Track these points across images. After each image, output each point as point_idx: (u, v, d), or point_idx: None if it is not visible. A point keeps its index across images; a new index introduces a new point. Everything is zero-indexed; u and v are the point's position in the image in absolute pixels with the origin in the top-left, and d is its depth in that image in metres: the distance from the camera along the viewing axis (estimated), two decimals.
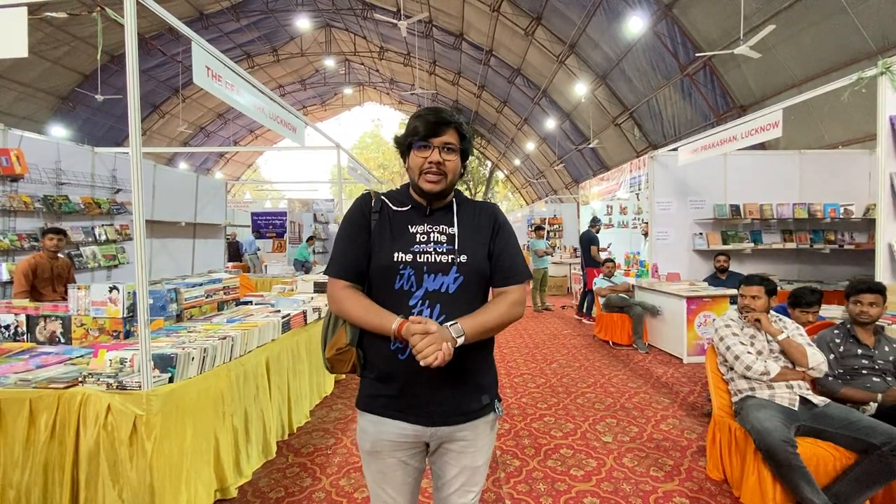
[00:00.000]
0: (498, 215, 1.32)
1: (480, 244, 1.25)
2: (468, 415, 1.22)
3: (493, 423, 1.30)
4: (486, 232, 1.27)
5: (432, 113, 1.20)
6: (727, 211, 5.91)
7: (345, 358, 1.24)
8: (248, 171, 29.64)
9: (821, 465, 2.18)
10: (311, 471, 2.70)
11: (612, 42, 10.84)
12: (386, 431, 1.21)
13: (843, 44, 6.63)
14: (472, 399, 1.23)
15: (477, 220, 1.28)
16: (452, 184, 1.25)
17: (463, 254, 1.21)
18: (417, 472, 1.29)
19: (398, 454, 1.23)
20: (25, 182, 4.66)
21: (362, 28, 18.54)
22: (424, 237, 1.22)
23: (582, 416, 3.55)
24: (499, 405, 1.29)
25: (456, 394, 1.20)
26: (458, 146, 1.22)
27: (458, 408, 1.21)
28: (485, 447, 1.28)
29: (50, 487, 1.94)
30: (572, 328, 7.02)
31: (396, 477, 1.25)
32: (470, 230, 1.26)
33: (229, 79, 2.81)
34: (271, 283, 6.31)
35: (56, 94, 13.63)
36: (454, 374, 1.17)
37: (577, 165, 17.46)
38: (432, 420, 1.20)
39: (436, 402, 1.19)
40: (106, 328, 2.64)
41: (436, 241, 1.22)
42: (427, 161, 1.19)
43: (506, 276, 1.25)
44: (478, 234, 1.26)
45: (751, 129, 4.32)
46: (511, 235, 1.31)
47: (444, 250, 1.21)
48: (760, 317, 2.60)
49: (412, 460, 1.25)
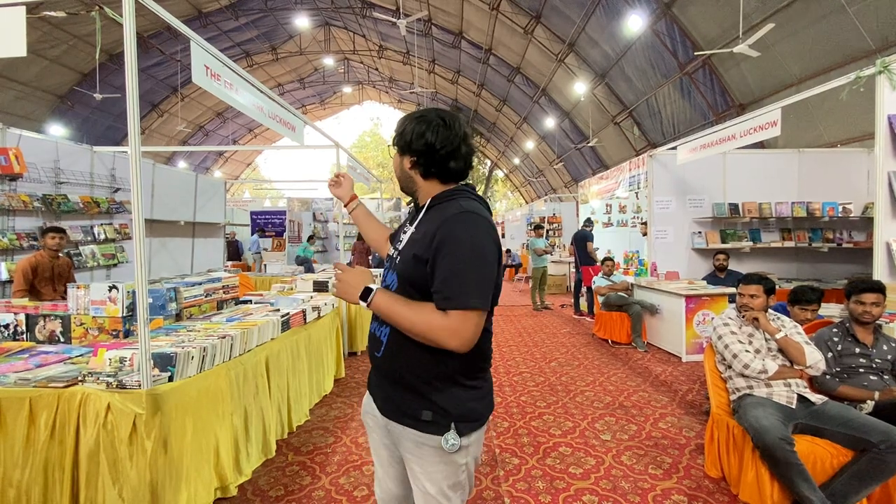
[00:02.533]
0: (445, 224, 1.13)
1: (416, 250, 1.18)
2: (408, 419, 1.20)
3: (441, 452, 1.16)
4: (427, 239, 1.15)
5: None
6: (726, 210, 5.91)
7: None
8: (247, 170, 29.62)
9: (818, 463, 2.19)
10: (310, 469, 2.70)
11: (612, 41, 10.84)
12: (366, 405, 1.38)
13: (842, 42, 6.63)
14: (412, 405, 1.19)
15: (427, 227, 1.19)
16: (401, 182, 1.32)
17: (400, 257, 1.25)
18: (393, 471, 1.34)
19: (375, 434, 1.35)
20: (24, 181, 4.65)
21: (361, 27, 18.50)
22: (404, 236, 1.30)
23: (581, 414, 3.56)
24: (451, 436, 1.15)
25: (397, 393, 1.23)
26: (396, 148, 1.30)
27: (396, 406, 1.24)
28: (435, 475, 1.18)
29: (50, 486, 1.94)
30: (571, 326, 7.03)
31: (381, 455, 1.35)
32: (419, 235, 1.20)
33: (228, 78, 2.81)
34: (271, 282, 6.31)
35: (54, 93, 13.60)
36: (388, 371, 1.25)
37: (577, 164, 17.46)
38: (383, 409, 1.28)
39: (380, 389, 1.30)
40: (105, 327, 2.65)
41: (401, 240, 1.30)
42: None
43: (435, 294, 1.12)
44: (421, 240, 1.18)
45: (750, 128, 4.32)
46: (456, 249, 1.10)
47: (395, 252, 1.31)
48: (758, 315, 2.61)
49: (382, 449, 1.34)
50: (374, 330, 1.30)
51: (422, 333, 1.12)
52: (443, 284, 1.10)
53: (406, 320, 1.13)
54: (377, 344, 1.27)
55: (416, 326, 1.12)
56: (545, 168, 20.88)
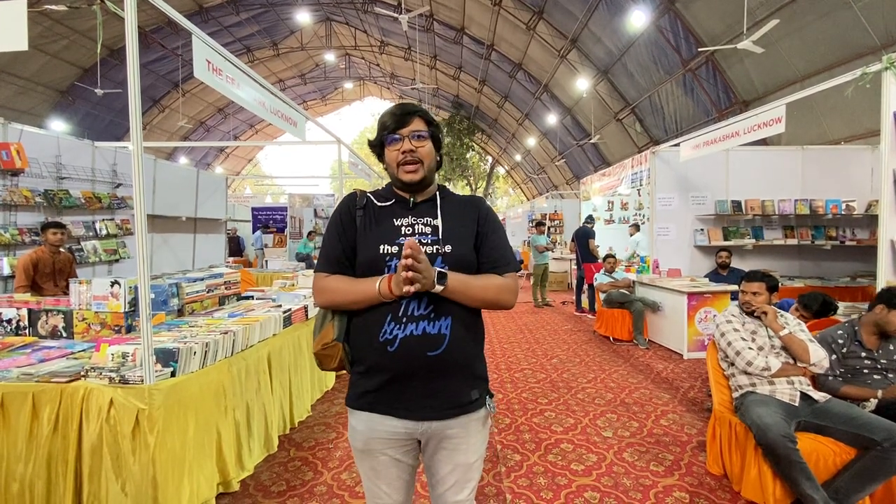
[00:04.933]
0: (482, 206, 1.33)
1: (465, 235, 1.26)
2: (458, 409, 1.21)
3: (484, 420, 1.28)
4: (470, 222, 1.28)
5: (397, 107, 1.26)
6: (729, 207, 5.89)
7: (331, 353, 1.24)
8: (248, 166, 29.60)
9: (821, 461, 2.19)
10: (312, 465, 2.71)
11: (614, 37, 10.79)
12: (377, 429, 1.20)
13: (847, 39, 6.59)
14: (462, 393, 1.21)
15: (461, 212, 1.30)
16: (430, 171, 1.28)
17: (447, 244, 1.22)
18: (411, 468, 1.29)
19: (390, 451, 1.22)
20: (26, 176, 4.65)
21: (363, 22, 18.43)
22: (409, 229, 1.24)
23: (582, 411, 3.56)
24: (490, 401, 1.27)
25: (446, 386, 1.19)
26: (427, 131, 1.25)
27: (447, 401, 1.20)
28: (477, 444, 1.26)
29: (53, 480, 1.95)
30: (573, 324, 7.03)
31: (390, 473, 1.25)
32: (454, 221, 1.27)
33: (230, 72, 2.80)
34: (272, 277, 6.32)
35: (56, 89, 13.59)
36: (447, 365, 1.17)
37: (578, 161, 17.42)
38: (423, 415, 1.19)
39: (425, 395, 1.18)
40: (108, 323, 2.65)
41: (420, 232, 1.23)
42: (400, 152, 1.23)
43: (494, 265, 1.25)
44: (462, 225, 1.27)
45: (754, 125, 4.30)
46: (498, 226, 1.31)
47: (428, 241, 1.22)
48: (767, 309, 2.59)
49: (405, 457, 1.25)
50: (425, 329, 1.16)
51: (493, 297, 1.22)
52: (500, 253, 1.27)
53: (481, 289, 1.20)
54: (435, 341, 1.16)
55: (489, 292, 1.21)
56: (547, 165, 20.83)
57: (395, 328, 1.15)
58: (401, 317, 1.16)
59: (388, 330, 1.16)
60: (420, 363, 1.15)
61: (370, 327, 1.18)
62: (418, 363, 1.15)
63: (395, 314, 1.16)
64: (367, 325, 1.20)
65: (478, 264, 1.26)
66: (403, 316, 1.16)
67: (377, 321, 1.17)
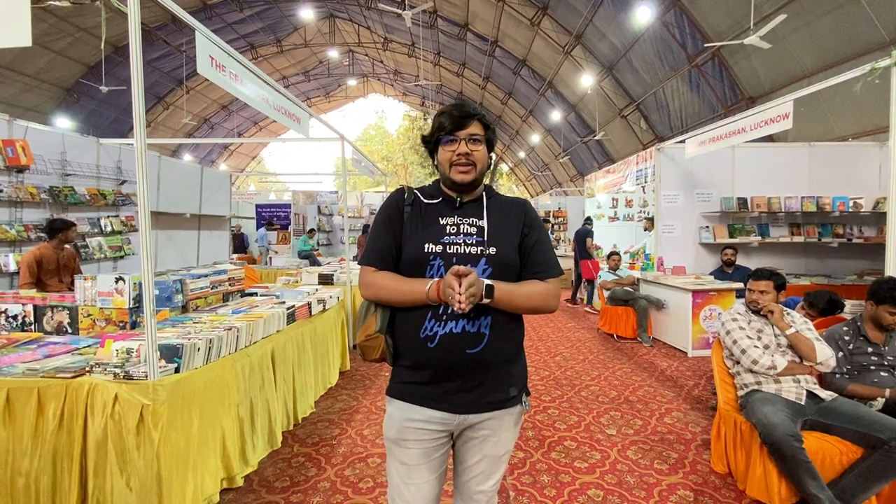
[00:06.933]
0: (528, 209, 1.34)
1: (510, 237, 1.27)
2: (495, 404, 1.24)
3: (518, 417, 1.31)
4: (515, 225, 1.29)
5: (456, 108, 1.25)
6: (734, 204, 5.85)
7: (374, 345, 1.25)
8: (252, 163, 29.65)
9: (827, 460, 2.17)
10: (316, 461, 2.72)
11: (619, 32, 10.70)
12: (412, 418, 1.23)
13: (855, 34, 6.50)
14: (501, 389, 1.24)
15: (507, 214, 1.31)
16: (481, 174, 1.29)
17: (492, 246, 1.23)
18: (440, 471, 1.29)
19: (422, 443, 1.24)
20: (31, 173, 4.67)
21: (366, 18, 18.37)
22: (454, 228, 1.25)
23: (586, 408, 3.55)
24: (526, 399, 1.30)
25: (486, 382, 1.22)
26: (483, 136, 1.26)
27: (486, 396, 1.23)
28: (508, 439, 1.30)
29: (59, 475, 1.96)
30: (577, 321, 7.01)
31: (433, 463, 1.26)
32: (500, 223, 1.28)
33: (234, 69, 2.80)
34: (276, 274, 6.33)
35: (60, 86, 13.63)
36: (486, 362, 1.20)
37: (583, 158, 17.33)
38: (460, 408, 1.22)
39: (464, 389, 1.21)
40: (112, 318, 2.66)
41: (465, 232, 1.25)
42: (455, 154, 1.24)
43: (538, 269, 1.27)
44: (507, 227, 1.28)
45: (761, 121, 4.25)
46: (543, 230, 1.33)
47: (473, 242, 1.24)
48: (774, 308, 2.57)
49: (436, 451, 1.26)
50: (465, 327, 1.18)
51: (538, 304, 1.23)
52: (544, 258, 1.28)
53: (527, 297, 1.21)
54: (475, 339, 1.18)
55: (535, 299, 1.22)
56: (551, 162, 20.74)
57: (435, 325, 1.18)
58: (441, 315, 1.19)
59: (428, 327, 1.19)
60: (459, 360, 1.19)
61: (412, 323, 1.21)
62: (458, 360, 1.19)
63: (436, 312, 1.19)
64: (408, 320, 1.22)
65: (520, 267, 1.28)
66: (444, 314, 1.18)
67: (419, 317, 1.20)
